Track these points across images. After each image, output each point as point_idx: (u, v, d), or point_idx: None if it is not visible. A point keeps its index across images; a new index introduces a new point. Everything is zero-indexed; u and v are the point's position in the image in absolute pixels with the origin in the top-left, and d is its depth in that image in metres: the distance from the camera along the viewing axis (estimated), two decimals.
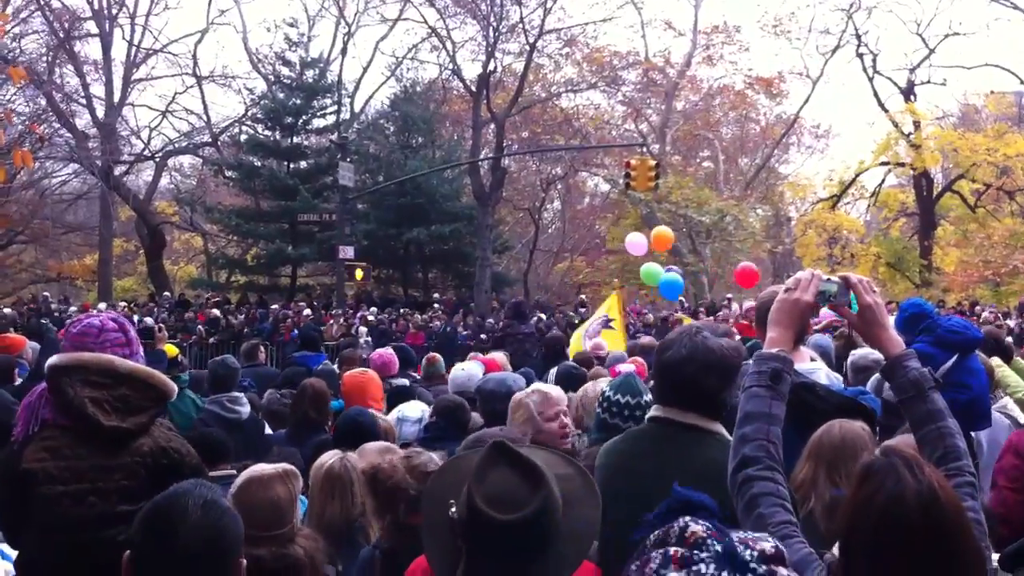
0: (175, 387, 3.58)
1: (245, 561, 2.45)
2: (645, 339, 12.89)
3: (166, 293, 33.98)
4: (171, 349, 8.57)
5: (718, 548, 1.49)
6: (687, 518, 1.57)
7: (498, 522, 2.18)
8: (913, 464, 1.93)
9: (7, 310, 28.24)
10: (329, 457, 3.98)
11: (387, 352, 9.53)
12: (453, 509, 2.27)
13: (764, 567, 1.48)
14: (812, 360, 4.64)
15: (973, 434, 5.82)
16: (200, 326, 26.84)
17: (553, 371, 7.57)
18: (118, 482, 3.22)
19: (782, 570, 1.48)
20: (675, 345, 3.16)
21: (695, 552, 1.48)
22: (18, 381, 8.14)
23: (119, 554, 2.49)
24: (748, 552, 1.50)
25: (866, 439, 3.37)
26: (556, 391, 4.93)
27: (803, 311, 2.59)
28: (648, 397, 4.13)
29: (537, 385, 5.14)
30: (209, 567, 2.33)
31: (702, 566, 1.46)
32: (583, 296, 36.24)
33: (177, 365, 8.49)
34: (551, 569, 2.29)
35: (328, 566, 3.53)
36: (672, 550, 1.49)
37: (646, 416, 3.42)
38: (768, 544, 1.53)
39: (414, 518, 3.25)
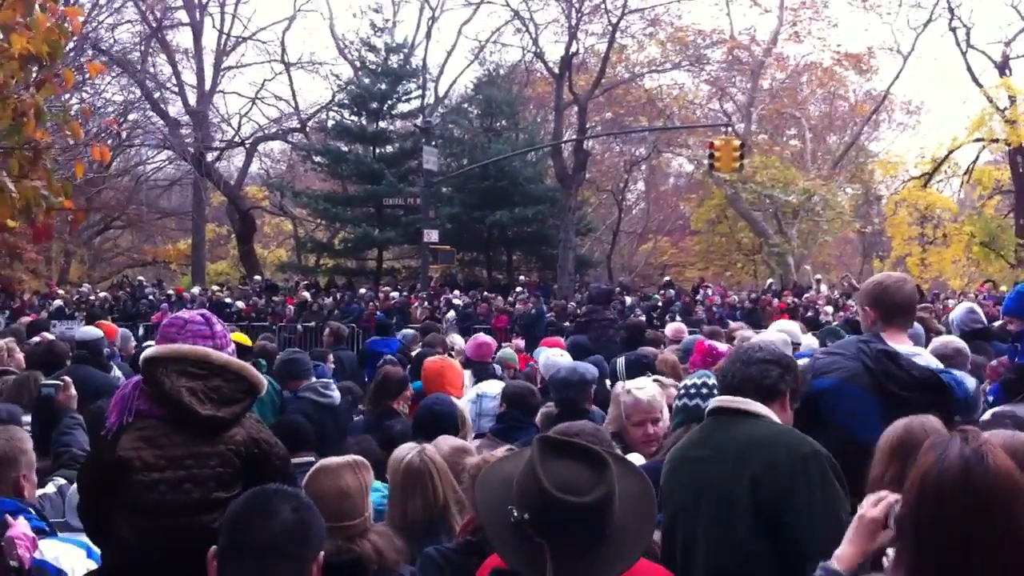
0: (265, 382, 3.71)
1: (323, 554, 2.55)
2: (734, 324, 12.80)
3: (256, 276, 34.67)
4: (243, 338, 8.81)
5: None
6: None
7: (574, 505, 2.20)
8: (970, 435, 1.99)
9: (103, 293, 29.22)
10: (407, 451, 3.97)
11: (481, 336, 9.63)
12: (515, 512, 2.27)
13: None
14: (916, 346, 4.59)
15: None
16: (289, 308, 27.36)
17: (621, 360, 7.54)
18: (213, 469, 3.30)
19: None
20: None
21: None
22: (114, 370, 8.37)
23: (213, 540, 2.66)
24: None
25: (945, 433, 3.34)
26: (649, 397, 4.82)
27: (875, 530, 2.48)
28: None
29: (635, 385, 5.00)
30: (293, 562, 2.47)
31: None
32: (668, 277, 36.03)
33: (251, 353, 8.76)
34: (622, 553, 2.33)
35: (405, 565, 3.51)
36: None
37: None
38: None
39: None
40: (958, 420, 4.08)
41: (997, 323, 8.89)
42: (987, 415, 4.21)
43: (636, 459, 4.14)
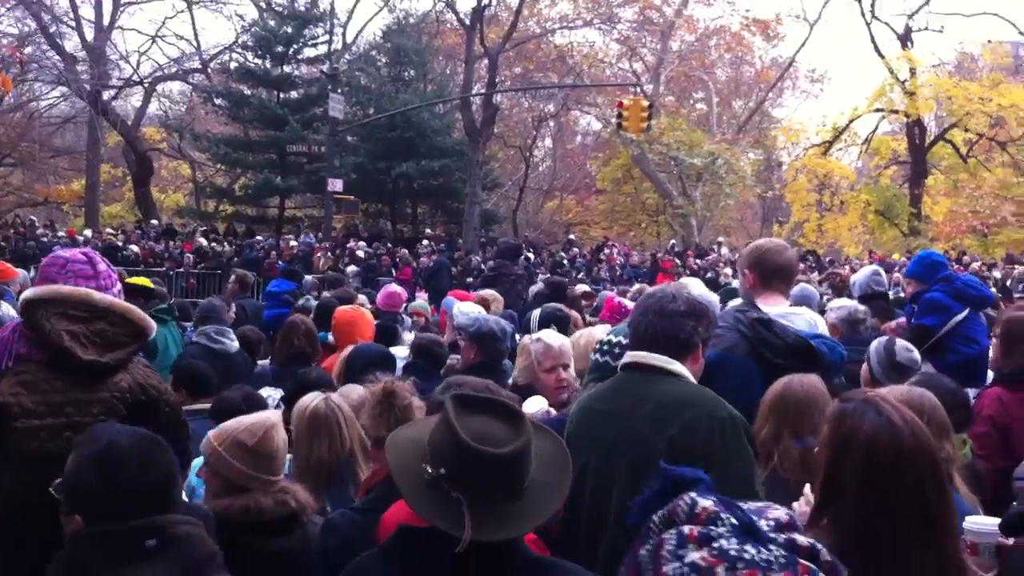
0: (154, 324, 3.53)
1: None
2: (638, 285, 12.93)
3: (153, 221, 33.80)
4: (145, 281, 8.55)
5: (733, 521, 1.45)
6: (691, 495, 1.52)
7: (494, 457, 2.17)
8: (880, 401, 2.17)
9: None
10: (312, 399, 3.92)
11: (391, 287, 9.57)
12: (429, 469, 2.23)
13: (783, 536, 1.45)
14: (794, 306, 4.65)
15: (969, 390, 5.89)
16: (187, 255, 26.76)
17: (536, 312, 7.50)
18: (96, 417, 3.15)
19: (799, 537, 1.46)
20: (651, 290, 3.38)
21: (711, 528, 1.44)
22: (3, 308, 8.03)
23: None
24: (764, 522, 1.47)
25: (825, 391, 3.41)
26: (560, 343, 4.85)
27: None
28: None
29: (544, 333, 5.04)
30: (153, 501, 2.42)
31: (723, 541, 1.41)
32: (572, 236, 36.24)
33: (152, 295, 8.48)
34: (538, 506, 2.30)
35: (315, 515, 3.48)
36: (687, 529, 1.44)
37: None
38: (780, 512, 1.51)
39: None
40: (839, 383, 4.16)
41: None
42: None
43: (540, 403, 4.19)
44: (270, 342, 8.26)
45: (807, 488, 2.64)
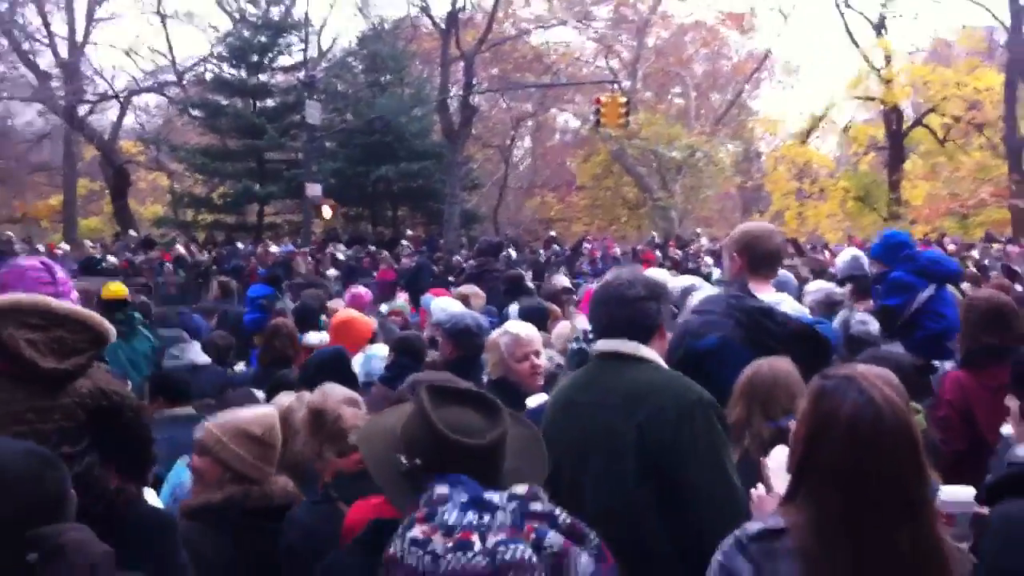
0: (113, 330, 3.50)
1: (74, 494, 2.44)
2: None
3: (131, 232, 33.61)
4: (119, 290, 8.51)
5: (463, 498, 1.55)
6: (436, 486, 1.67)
7: (471, 447, 2.17)
8: (861, 379, 2.14)
9: None
10: (285, 399, 4.06)
11: (358, 289, 9.64)
12: (404, 460, 2.23)
13: (514, 503, 1.53)
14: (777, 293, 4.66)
15: (937, 363, 5.92)
16: (166, 264, 26.63)
17: (515, 307, 7.52)
18: (58, 423, 3.11)
19: (537, 505, 1.52)
20: (604, 278, 3.40)
21: (439, 507, 1.57)
22: None
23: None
24: (498, 496, 1.56)
25: (796, 374, 3.41)
26: (527, 332, 4.96)
27: None
28: None
29: (509, 325, 5.15)
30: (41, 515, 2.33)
31: (445, 516, 1.54)
32: (553, 232, 36.25)
33: (126, 305, 8.48)
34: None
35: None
36: (420, 512, 1.59)
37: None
38: (521, 488, 1.59)
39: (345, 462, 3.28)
40: (836, 360, 4.16)
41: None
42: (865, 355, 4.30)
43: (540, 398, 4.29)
44: (245, 345, 8.26)
45: (767, 470, 2.68)
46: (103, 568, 2.28)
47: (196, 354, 7.43)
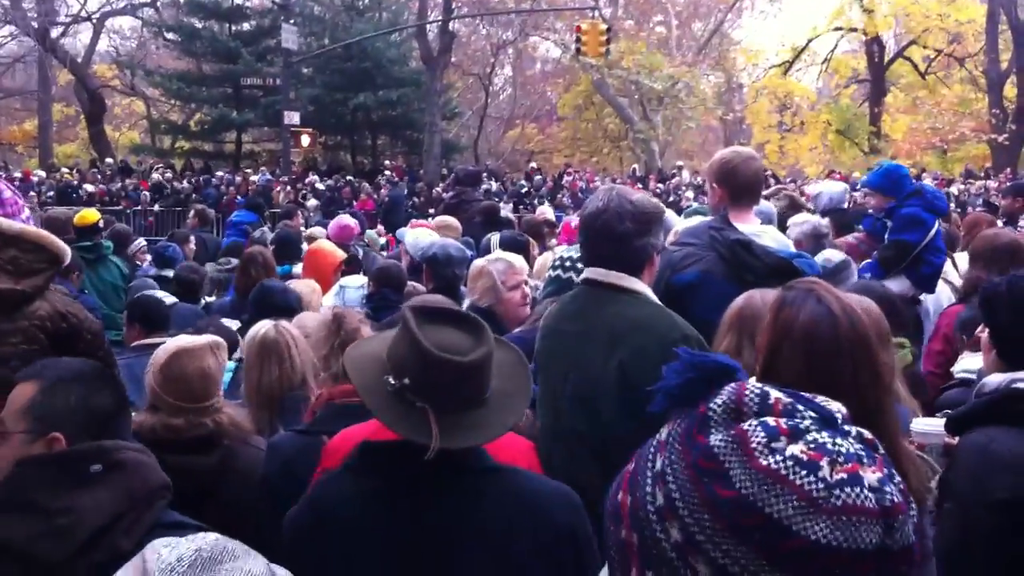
0: (67, 249, 3.44)
1: (62, 436, 2.41)
2: None
3: (108, 160, 33.24)
4: (90, 215, 8.42)
5: (812, 413, 1.36)
6: (753, 383, 1.42)
7: (459, 364, 2.19)
8: (820, 290, 2.19)
9: None
10: (262, 326, 3.93)
11: (344, 219, 9.55)
12: (392, 380, 2.24)
13: (853, 428, 1.38)
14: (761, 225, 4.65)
15: (922, 298, 6.00)
16: (144, 193, 26.40)
17: (495, 237, 7.50)
18: (16, 347, 3.12)
19: (862, 430, 1.43)
20: (593, 200, 3.24)
21: (795, 420, 1.35)
22: None
23: None
24: (835, 413, 1.40)
25: None
26: (519, 261, 4.96)
27: None
28: None
29: (501, 253, 5.14)
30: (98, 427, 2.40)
31: (815, 435, 1.32)
32: (534, 164, 36.06)
33: (98, 231, 8.38)
34: (501, 415, 2.33)
35: (259, 437, 3.50)
36: (772, 421, 1.34)
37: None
38: (836, 405, 1.43)
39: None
40: None
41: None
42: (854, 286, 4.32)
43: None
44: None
45: None
46: (160, 496, 2.35)
47: (162, 294, 7.34)
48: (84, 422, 2.40)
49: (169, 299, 7.14)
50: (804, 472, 1.27)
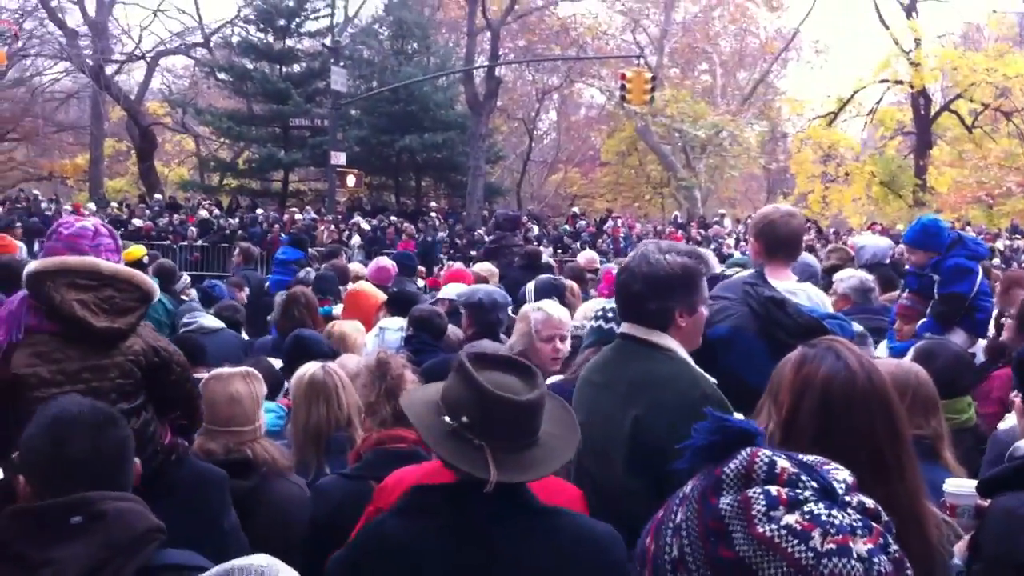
0: (156, 287, 3.62)
1: (139, 462, 2.52)
2: None
3: (157, 195, 33.83)
4: (137, 251, 8.58)
5: (814, 484, 1.43)
6: (766, 451, 1.49)
7: (517, 403, 2.28)
8: (840, 346, 2.24)
9: None
10: (310, 367, 4.03)
11: (382, 261, 9.63)
12: (449, 419, 2.31)
13: (855, 498, 1.44)
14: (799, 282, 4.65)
15: (972, 350, 5.97)
16: (191, 228, 26.80)
17: (531, 285, 7.55)
18: (114, 381, 3.23)
19: (864, 498, 1.47)
20: (627, 260, 3.25)
21: (796, 491, 1.42)
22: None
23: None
24: (836, 484, 1.45)
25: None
26: (561, 313, 4.94)
27: None
28: None
29: (545, 303, 5.12)
30: (99, 471, 2.39)
31: (812, 506, 1.39)
32: (576, 208, 36.18)
33: (143, 268, 8.53)
34: (552, 454, 2.40)
35: (297, 476, 3.61)
36: (774, 490, 1.41)
37: None
38: (844, 472, 1.50)
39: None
40: None
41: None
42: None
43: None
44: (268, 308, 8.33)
45: None
46: (148, 542, 2.32)
47: (208, 320, 7.45)
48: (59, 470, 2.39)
49: (214, 323, 7.29)
50: (796, 541, 1.35)
